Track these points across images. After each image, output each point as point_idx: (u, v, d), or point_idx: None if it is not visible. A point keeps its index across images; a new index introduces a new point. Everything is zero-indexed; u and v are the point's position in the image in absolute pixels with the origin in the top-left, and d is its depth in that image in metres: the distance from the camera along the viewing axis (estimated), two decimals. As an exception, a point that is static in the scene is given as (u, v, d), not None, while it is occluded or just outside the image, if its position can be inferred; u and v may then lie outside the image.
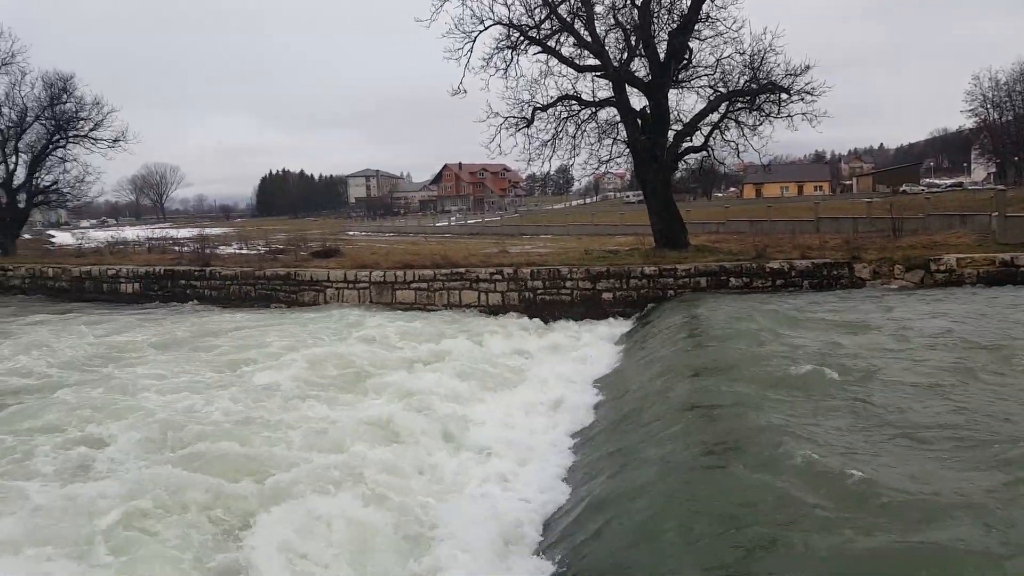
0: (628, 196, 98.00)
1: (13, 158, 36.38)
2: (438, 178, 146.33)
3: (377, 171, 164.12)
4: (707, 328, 11.96)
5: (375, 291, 20.43)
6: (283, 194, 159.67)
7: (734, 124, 21.34)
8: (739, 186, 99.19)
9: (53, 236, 64.04)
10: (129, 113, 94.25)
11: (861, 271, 16.97)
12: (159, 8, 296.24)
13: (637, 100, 21.49)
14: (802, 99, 20.22)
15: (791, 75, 20.18)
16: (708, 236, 28.56)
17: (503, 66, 21.36)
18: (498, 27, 21.13)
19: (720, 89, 21.10)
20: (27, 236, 45.95)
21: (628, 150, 22.00)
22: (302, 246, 30.06)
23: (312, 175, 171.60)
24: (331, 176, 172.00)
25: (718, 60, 20.93)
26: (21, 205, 37.21)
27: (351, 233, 66.78)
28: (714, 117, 21.30)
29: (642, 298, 17.64)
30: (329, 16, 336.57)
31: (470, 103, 22.90)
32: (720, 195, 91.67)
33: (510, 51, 21.23)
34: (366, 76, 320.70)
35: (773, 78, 20.28)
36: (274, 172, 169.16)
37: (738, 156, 22.54)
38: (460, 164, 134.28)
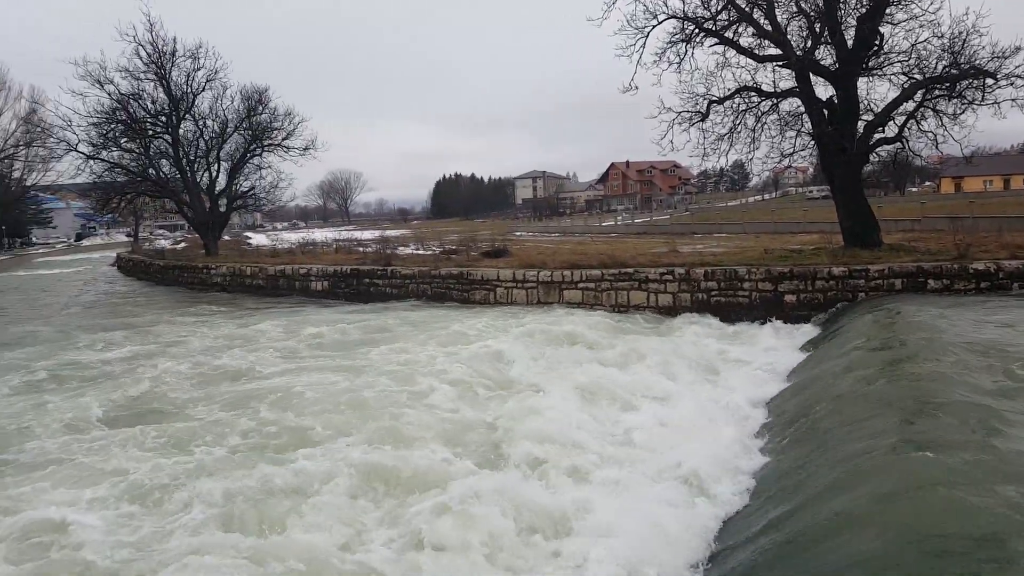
0: (811, 191, 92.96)
1: (215, 166, 39.98)
2: (604, 177, 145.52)
3: (543, 172, 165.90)
4: (926, 343, 9.83)
5: (542, 290, 20.49)
6: (455, 197, 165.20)
7: (932, 113, 19.50)
8: (936, 180, 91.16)
9: (250, 238, 69.44)
10: (318, 123, 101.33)
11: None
12: (344, 18, 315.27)
13: (823, 90, 20.23)
14: (1011, 84, 18.08)
15: (998, 58, 18.09)
16: (902, 234, 26.35)
17: (677, 60, 20.77)
18: (672, 21, 20.56)
19: (915, 76, 19.33)
20: (227, 237, 50.17)
21: (813, 142, 20.77)
22: (472, 246, 30.73)
23: (482, 178, 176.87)
24: (499, 178, 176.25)
25: (913, 45, 19.21)
26: (222, 209, 40.73)
27: (518, 233, 67.64)
28: (909, 106, 19.57)
29: (829, 301, 16.47)
30: (504, 20, 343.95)
31: (640, 100, 22.53)
32: (914, 190, 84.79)
33: (684, 44, 20.60)
34: (537, 79, 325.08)
35: (977, 62, 18.30)
36: (447, 176, 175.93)
37: (936, 147, 20.58)
38: (627, 162, 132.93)
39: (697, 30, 20.42)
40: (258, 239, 60.09)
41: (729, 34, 20.42)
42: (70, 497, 7.10)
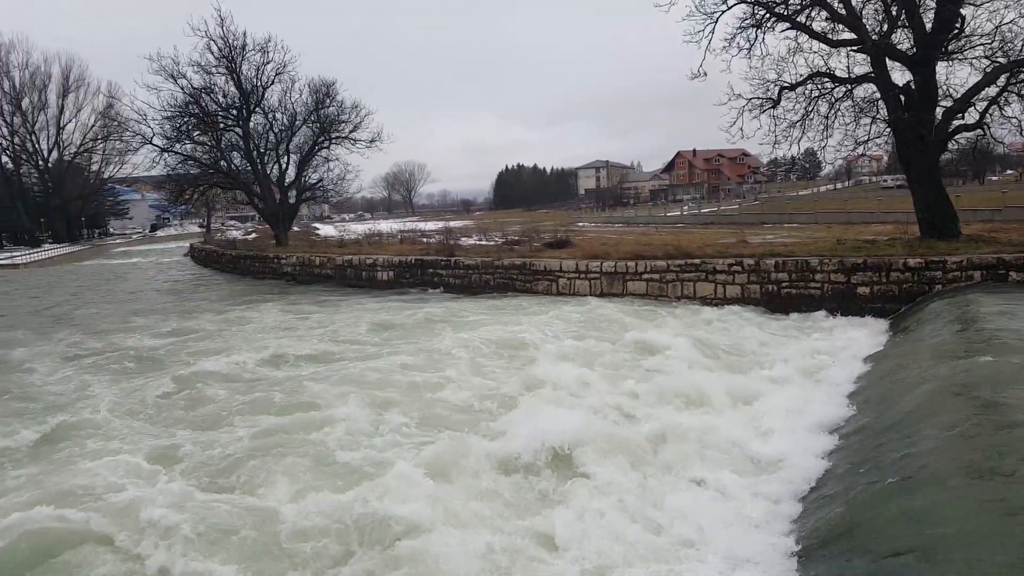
0: (885, 180, 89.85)
1: (285, 158, 40.93)
2: (670, 166, 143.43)
3: (607, 162, 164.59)
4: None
5: (606, 281, 20.33)
6: (517, 188, 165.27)
7: (1016, 98, 18.57)
8: (1018, 169, 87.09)
9: (318, 228, 70.89)
10: (383, 115, 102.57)
11: None
12: (408, 10, 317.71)
13: (899, 75, 19.49)
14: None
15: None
16: (980, 225, 25.25)
17: (747, 46, 20.33)
18: (741, 6, 20.15)
19: (999, 59, 18.43)
20: (296, 228, 51.25)
21: (888, 130, 20.03)
22: (535, 237, 30.71)
23: (544, 168, 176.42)
24: (562, 169, 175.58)
25: (997, 26, 18.29)
26: (292, 200, 41.66)
27: (581, 224, 67.32)
28: (991, 91, 18.65)
29: (904, 293, 15.88)
30: (569, 9, 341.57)
31: (708, 87, 22.14)
32: (995, 179, 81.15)
33: (755, 30, 20.12)
34: (602, 67, 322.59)
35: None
36: (509, 167, 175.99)
37: (1020, 134, 19.65)
38: (694, 151, 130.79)
39: (768, 15, 19.92)
40: (326, 230, 61.28)
41: (801, 18, 19.86)
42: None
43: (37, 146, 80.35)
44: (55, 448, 8.53)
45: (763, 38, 20.29)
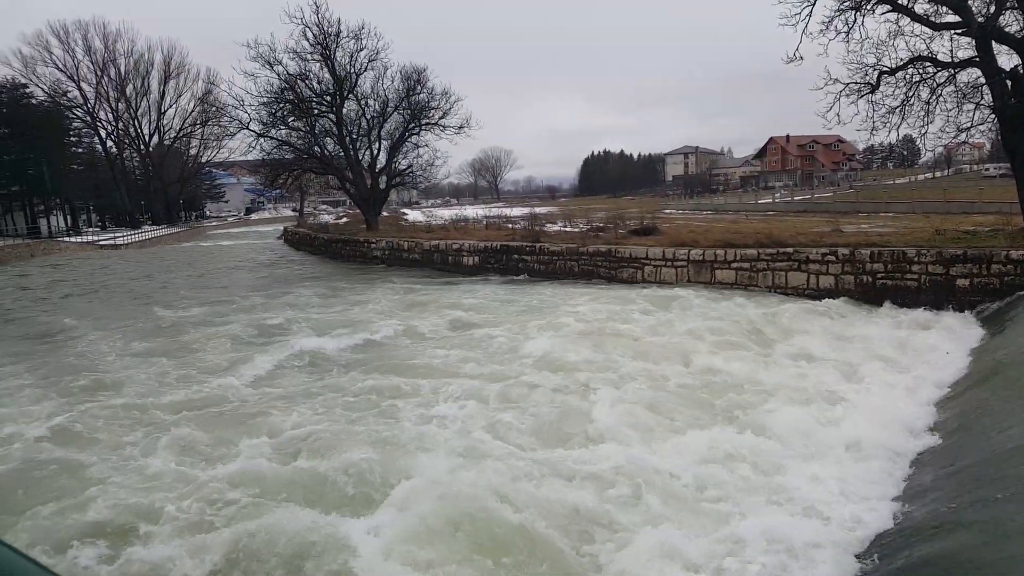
0: (987, 169, 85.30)
1: (376, 144, 41.86)
2: (762, 152, 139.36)
3: (696, 148, 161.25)
4: None
5: (693, 270, 20.19)
6: (603, 174, 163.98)
7: None
8: None
9: (406, 214, 72.19)
10: (472, 101, 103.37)
11: None
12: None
13: (1006, 59, 18.62)
14: None
15: None
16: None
17: (845, 29, 19.71)
18: (841, -13, 19.52)
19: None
20: (385, 213, 52.44)
21: (993, 116, 19.13)
22: (620, 224, 30.55)
23: (631, 155, 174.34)
24: (649, 155, 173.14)
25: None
26: (382, 186, 42.62)
27: (668, 211, 66.34)
28: (1111, 74, 17.67)
29: (1006, 286, 15.26)
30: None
31: (803, 72, 21.57)
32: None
33: (854, 12, 19.48)
34: (691, 52, 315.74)
35: None
36: (595, 153, 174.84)
37: None
38: (787, 137, 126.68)
39: (868, -4, 19.27)
40: (413, 215, 62.34)
41: (903, 0, 19.13)
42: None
43: (139, 131, 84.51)
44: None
45: (862, 21, 19.64)
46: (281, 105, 38.58)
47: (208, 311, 19.38)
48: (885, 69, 19.76)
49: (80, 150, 71.92)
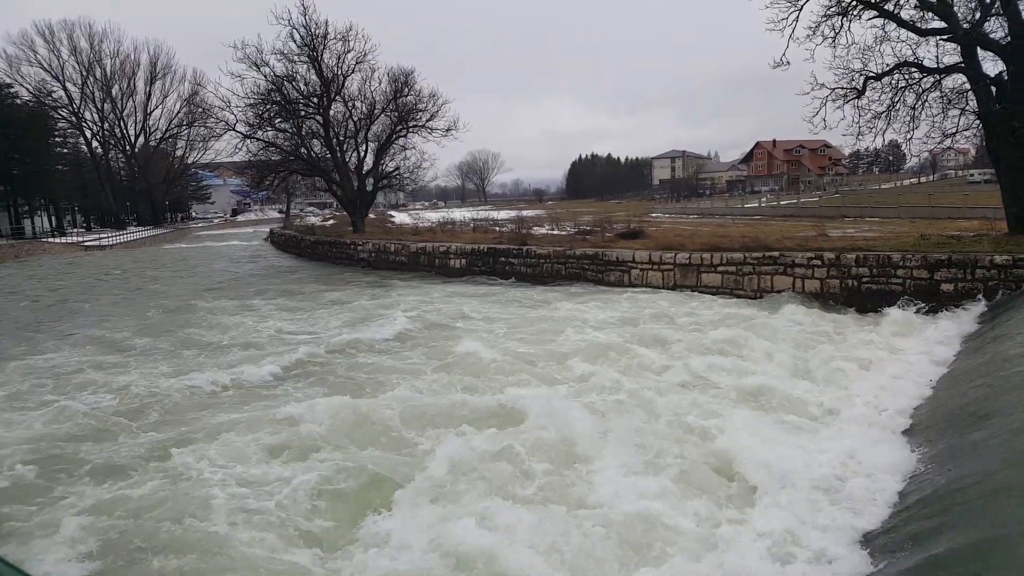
0: (972, 175, 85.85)
1: (363, 147, 41.75)
2: (748, 156, 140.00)
3: (683, 152, 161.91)
4: None
5: (679, 273, 20.20)
6: (591, 177, 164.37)
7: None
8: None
9: (393, 216, 72.16)
10: (459, 104, 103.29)
11: None
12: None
13: (991, 65, 18.81)
14: None
15: None
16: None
17: (831, 34, 19.84)
18: (827, -7, 19.63)
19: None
20: (371, 216, 52.33)
21: (978, 122, 19.28)
22: (607, 227, 30.68)
23: (618, 158, 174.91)
24: (636, 159, 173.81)
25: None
26: (369, 188, 42.50)
27: (654, 215, 66.64)
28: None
29: (990, 291, 15.31)
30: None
31: (790, 76, 21.63)
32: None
33: (840, 18, 19.60)
34: (680, 56, 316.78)
35: None
36: (583, 157, 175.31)
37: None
38: (774, 141, 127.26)
39: (855, 2, 19.40)
40: (400, 217, 62.38)
41: (889, 6, 19.30)
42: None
43: (125, 132, 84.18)
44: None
45: (849, 26, 19.79)
46: (268, 106, 38.43)
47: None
48: (871, 74, 19.86)
49: (65, 151, 71.40)
